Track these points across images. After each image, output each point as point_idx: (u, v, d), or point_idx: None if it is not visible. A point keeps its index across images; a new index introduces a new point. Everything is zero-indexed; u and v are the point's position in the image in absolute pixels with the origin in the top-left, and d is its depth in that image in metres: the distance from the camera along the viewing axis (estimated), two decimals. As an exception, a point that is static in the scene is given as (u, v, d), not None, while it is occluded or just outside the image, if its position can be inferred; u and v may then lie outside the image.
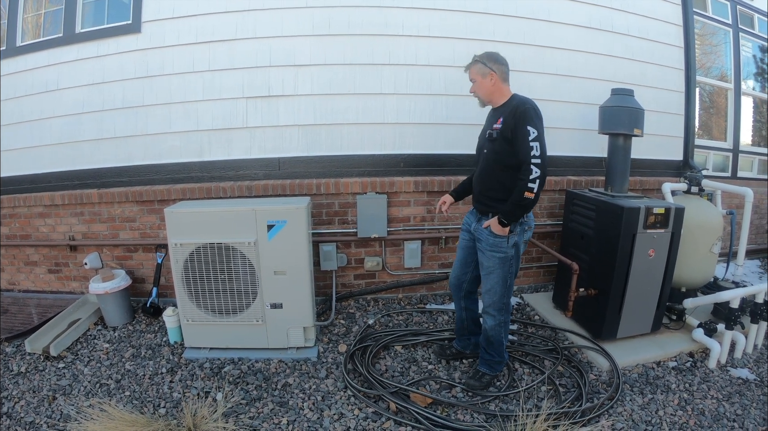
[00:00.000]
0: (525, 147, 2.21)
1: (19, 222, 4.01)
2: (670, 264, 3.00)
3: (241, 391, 2.66)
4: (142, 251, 3.79)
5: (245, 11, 3.38)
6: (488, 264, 2.48)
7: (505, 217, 2.32)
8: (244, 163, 3.60)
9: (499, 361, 2.67)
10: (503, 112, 2.36)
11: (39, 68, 3.81)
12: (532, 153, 2.20)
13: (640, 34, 3.96)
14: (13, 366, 3.02)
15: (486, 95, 2.43)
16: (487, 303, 2.56)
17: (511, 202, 2.30)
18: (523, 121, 2.23)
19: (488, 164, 2.42)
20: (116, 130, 3.66)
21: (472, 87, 2.46)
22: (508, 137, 2.29)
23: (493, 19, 3.52)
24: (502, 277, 2.48)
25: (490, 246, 2.44)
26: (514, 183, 2.30)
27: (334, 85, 3.46)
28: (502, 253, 2.44)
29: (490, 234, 2.43)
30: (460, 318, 2.85)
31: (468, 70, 2.45)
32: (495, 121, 2.38)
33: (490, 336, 2.60)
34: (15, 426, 2.46)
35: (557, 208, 3.82)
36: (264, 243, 2.82)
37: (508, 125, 2.29)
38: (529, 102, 2.31)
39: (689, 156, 4.26)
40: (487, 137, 2.42)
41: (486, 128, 2.48)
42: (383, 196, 3.52)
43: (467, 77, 2.49)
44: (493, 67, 2.36)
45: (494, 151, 2.37)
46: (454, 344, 2.95)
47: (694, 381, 2.75)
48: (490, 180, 2.43)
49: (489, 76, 2.37)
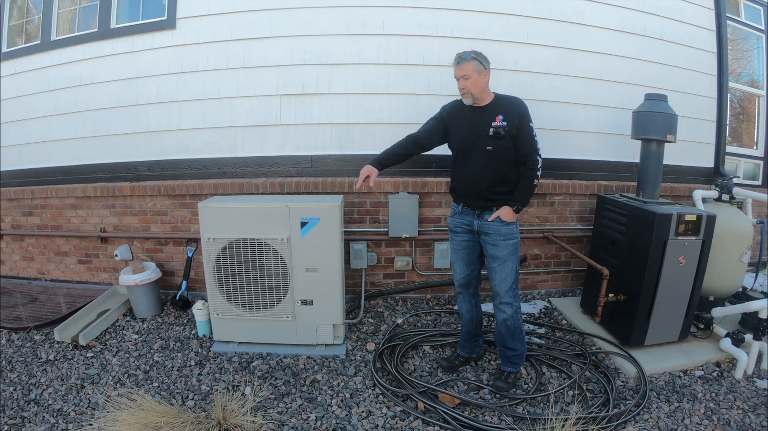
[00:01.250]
0: (531, 141, 2.45)
1: (51, 212, 4.10)
2: (700, 272, 2.96)
3: (269, 386, 2.68)
4: (172, 244, 3.84)
5: (280, 9, 3.41)
6: (502, 254, 2.54)
7: (521, 203, 2.51)
8: (277, 160, 3.63)
9: (521, 353, 2.69)
10: (498, 110, 2.46)
11: (74, 62, 3.89)
12: (537, 146, 2.47)
13: (673, 39, 3.91)
14: (42, 354, 3.08)
15: (479, 92, 2.45)
16: (503, 292, 2.58)
17: (524, 189, 2.51)
18: (527, 118, 2.45)
19: (494, 160, 2.48)
20: (150, 125, 3.72)
21: (462, 83, 2.43)
22: (514, 134, 2.44)
23: (525, 21, 3.51)
24: (514, 263, 2.58)
25: (503, 235, 2.53)
26: (515, 175, 2.53)
27: (368, 84, 3.48)
28: (515, 238, 2.57)
29: (501, 224, 2.52)
30: (471, 319, 2.84)
31: (460, 66, 2.41)
32: (491, 119, 2.45)
33: (510, 326, 2.62)
34: (43, 413, 2.51)
35: (587, 212, 3.80)
36: (297, 239, 2.84)
37: (513, 123, 2.42)
38: (522, 101, 2.52)
39: (720, 163, 4.20)
40: (492, 135, 2.44)
41: (479, 126, 2.47)
42: (415, 196, 3.53)
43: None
44: (486, 65, 2.44)
45: (503, 147, 2.45)
46: (460, 352, 2.93)
47: (721, 391, 2.72)
48: (496, 175, 2.50)
49: (484, 73, 2.43)
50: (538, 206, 3.74)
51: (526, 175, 2.49)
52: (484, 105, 2.51)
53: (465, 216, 2.65)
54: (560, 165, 3.71)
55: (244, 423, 2.25)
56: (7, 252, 4.42)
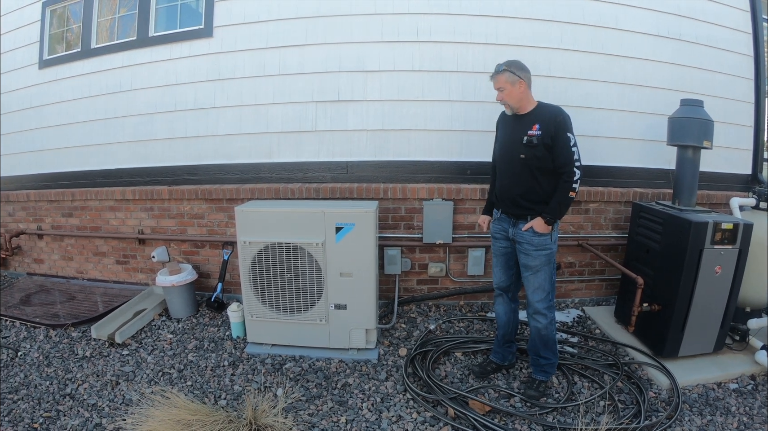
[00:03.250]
0: (567, 152, 2.40)
1: (90, 214, 4.24)
2: (736, 282, 2.90)
3: (301, 388, 2.72)
4: (208, 247, 3.92)
5: (315, 17, 3.47)
6: (535, 263, 2.54)
7: (552, 216, 2.47)
8: (313, 166, 3.68)
9: (553, 363, 2.69)
10: (536, 119, 2.45)
11: (113, 69, 4.02)
12: (574, 158, 2.41)
13: (708, 42, 3.83)
14: (78, 351, 3.19)
15: (516, 102, 2.48)
16: (536, 302, 2.58)
17: (557, 201, 2.46)
18: (564, 129, 2.40)
19: (527, 169, 2.48)
20: (187, 130, 3.82)
21: (499, 95, 2.50)
22: (549, 143, 2.41)
23: (560, 26, 3.49)
24: (548, 274, 2.57)
25: (535, 246, 2.52)
26: (550, 185, 2.49)
27: (403, 91, 3.50)
28: (548, 250, 2.54)
29: (533, 235, 2.51)
30: (507, 322, 2.84)
31: (494, 79, 2.50)
32: (528, 127, 2.45)
33: (543, 335, 2.62)
34: (78, 407, 2.59)
35: (622, 220, 3.74)
36: (332, 244, 2.88)
37: (548, 132, 2.40)
38: (563, 110, 2.46)
39: (758, 170, 4.09)
40: (525, 143, 2.45)
41: (516, 134, 2.50)
42: (449, 202, 3.54)
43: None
44: (521, 74, 2.44)
45: (535, 156, 2.44)
46: (492, 359, 2.93)
47: (755, 405, 2.65)
48: (530, 184, 2.50)
49: (518, 83, 2.43)
50: (572, 213, 3.71)
51: (561, 187, 2.45)
52: (524, 113, 2.52)
53: (502, 223, 2.69)
54: (595, 172, 3.67)
55: (275, 424, 2.28)
56: (47, 252, 4.59)
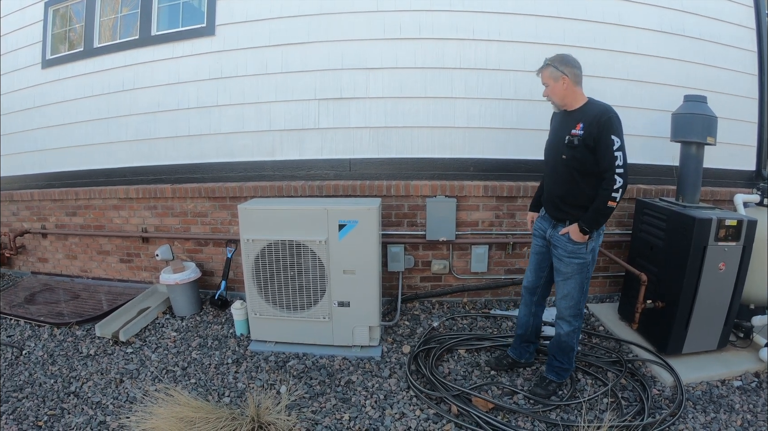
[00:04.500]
0: (609, 156, 2.22)
1: (94, 213, 4.25)
2: (740, 278, 2.88)
3: (304, 385, 2.72)
4: (212, 245, 3.94)
5: (318, 15, 3.47)
6: (566, 270, 2.47)
7: (587, 225, 2.33)
8: (315, 163, 3.68)
9: (567, 368, 2.65)
10: (582, 117, 2.33)
11: (116, 68, 4.03)
12: (616, 163, 2.22)
13: (712, 38, 3.81)
14: (83, 349, 3.20)
15: (559, 99, 2.39)
16: (563, 309, 2.53)
17: (594, 209, 2.31)
18: (608, 130, 2.22)
19: (568, 170, 2.38)
20: (190, 129, 3.83)
21: (545, 90, 2.43)
22: (591, 145, 2.27)
23: (563, 23, 3.47)
24: (579, 283, 2.47)
25: (569, 253, 2.44)
26: (593, 190, 2.32)
27: (405, 88, 3.50)
28: (581, 259, 2.43)
29: (568, 241, 2.42)
30: (526, 324, 2.81)
31: (540, 74, 2.42)
32: (573, 125, 2.33)
33: (562, 342, 2.58)
34: (82, 405, 2.60)
35: (626, 216, 3.73)
36: (335, 242, 2.88)
37: (590, 133, 2.26)
38: (611, 110, 2.29)
39: (762, 166, 4.07)
40: (567, 143, 2.35)
41: (561, 132, 2.41)
42: (453, 199, 3.53)
43: (539, 81, 2.46)
44: (564, 70, 2.32)
45: (575, 158, 2.33)
46: (509, 353, 2.91)
47: (759, 403, 2.63)
48: (569, 186, 2.39)
49: (561, 79, 2.33)
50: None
51: (600, 194, 2.28)
52: (572, 110, 2.41)
53: (543, 222, 2.64)
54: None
55: (278, 421, 2.27)
56: (51, 251, 4.61)
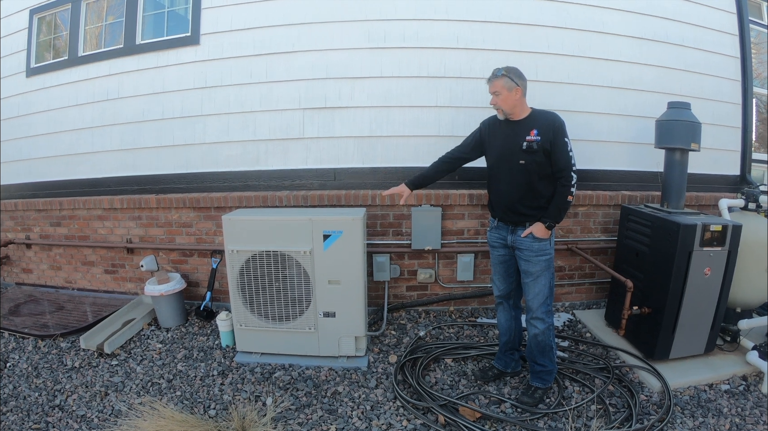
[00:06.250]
0: (565, 156, 2.44)
1: (78, 223, 4.20)
2: (726, 283, 2.91)
3: (290, 397, 2.70)
4: (197, 256, 3.90)
5: (303, 24, 3.47)
6: (535, 269, 2.55)
7: (552, 220, 2.51)
8: (300, 173, 3.67)
9: (550, 370, 2.67)
10: (534, 124, 2.48)
11: (101, 77, 4.00)
12: (572, 162, 2.46)
13: (695, 45, 3.85)
14: (67, 361, 3.16)
15: (509, 108, 2.49)
16: (536, 308, 2.59)
17: (556, 205, 2.50)
18: (561, 134, 2.44)
19: (527, 174, 2.50)
20: (175, 138, 3.80)
21: (494, 99, 2.51)
22: (548, 148, 2.44)
23: (546, 31, 3.50)
24: (548, 279, 2.59)
25: (536, 252, 2.54)
26: (548, 190, 2.53)
27: (390, 97, 3.50)
28: (548, 255, 2.57)
29: (533, 241, 2.53)
30: (509, 329, 2.84)
31: (491, 83, 2.50)
32: (526, 132, 2.47)
33: (540, 341, 2.62)
34: (67, 419, 2.56)
35: (611, 223, 3.75)
36: (319, 252, 2.87)
37: (547, 138, 2.43)
38: (559, 116, 2.51)
39: (746, 170, 4.12)
40: (525, 149, 2.47)
41: (513, 140, 2.51)
42: (438, 208, 3.53)
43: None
44: (518, 82, 2.45)
45: (535, 161, 2.47)
46: (495, 364, 2.93)
47: (747, 406, 2.65)
48: (527, 189, 2.52)
49: (515, 90, 2.45)
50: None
51: (560, 192, 2.48)
52: (519, 119, 2.53)
53: (500, 231, 2.68)
54: (583, 175, 3.63)
55: (264, 433, 2.24)
56: (36, 262, 4.55)
